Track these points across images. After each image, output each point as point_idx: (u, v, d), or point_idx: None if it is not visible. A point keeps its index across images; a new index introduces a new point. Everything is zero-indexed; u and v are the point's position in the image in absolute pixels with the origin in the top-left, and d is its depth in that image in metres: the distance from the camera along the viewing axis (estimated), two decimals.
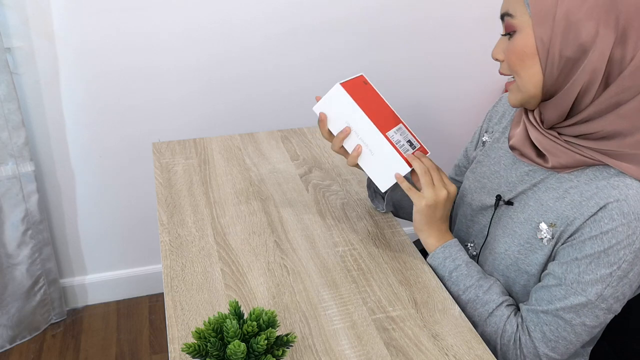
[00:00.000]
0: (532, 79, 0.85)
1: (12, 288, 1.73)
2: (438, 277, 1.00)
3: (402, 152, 1.00)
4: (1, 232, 1.66)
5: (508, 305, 0.93)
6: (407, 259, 1.04)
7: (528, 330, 0.89)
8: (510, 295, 0.97)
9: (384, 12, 1.75)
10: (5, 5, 1.48)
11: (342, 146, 1.03)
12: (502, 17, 0.87)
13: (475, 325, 0.94)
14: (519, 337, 0.89)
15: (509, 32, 0.86)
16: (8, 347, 1.78)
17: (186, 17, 1.61)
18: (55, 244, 1.84)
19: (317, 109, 1.03)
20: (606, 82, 0.81)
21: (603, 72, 0.80)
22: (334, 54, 1.77)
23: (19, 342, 1.80)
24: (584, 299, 0.83)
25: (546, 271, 0.89)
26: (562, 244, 0.87)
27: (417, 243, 1.11)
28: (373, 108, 1.03)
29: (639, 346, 1.06)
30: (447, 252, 1.00)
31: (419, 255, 1.05)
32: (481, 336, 0.91)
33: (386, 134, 1.00)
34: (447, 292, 0.96)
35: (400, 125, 1.06)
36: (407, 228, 1.13)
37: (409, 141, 1.04)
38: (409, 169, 1.00)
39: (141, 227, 1.88)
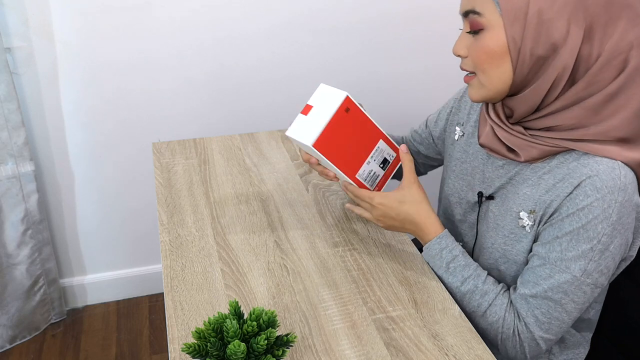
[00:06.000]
0: (502, 77, 0.86)
1: (12, 288, 1.73)
2: (433, 270, 1.00)
3: (369, 185, 1.01)
4: (1, 232, 1.66)
5: (505, 291, 0.94)
6: (407, 259, 1.04)
7: (521, 317, 0.90)
8: None
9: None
10: (5, 5, 1.48)
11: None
12: (466, 14, 0.86)
13: (472, 315, 0.94)
14: (517, 325, 0.90)
15: (475, 30, 0.85)
16: (8, 347, 1.78)
17: (187, 18, 1.61)
18: (55, 244, 1.84)
19: (290, 135, 0.96)
20: (573, 78, 0.83)
21: (572, 69, 0.81)
22: (336, 55, 1.77)
23: (19, 342, 1.80)
24: (569, 276, 0.84)
25: (531, 253, 0.90)
26: (543, 225, 0.88)
27: (417, 243, 1.11)
28: (349, 144, 0.96)
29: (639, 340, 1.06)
30: (444, 242, 0.98)
31: (419, 255, 1.05)
32: (477, 327, 0.92)
33: (355, 176, 0.99)
34: (447, 292, 0.96)
35: (378, 146, 1.00)
36: None
37: (383, 160, 1.02)
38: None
39: (141, 227, 1.88)
